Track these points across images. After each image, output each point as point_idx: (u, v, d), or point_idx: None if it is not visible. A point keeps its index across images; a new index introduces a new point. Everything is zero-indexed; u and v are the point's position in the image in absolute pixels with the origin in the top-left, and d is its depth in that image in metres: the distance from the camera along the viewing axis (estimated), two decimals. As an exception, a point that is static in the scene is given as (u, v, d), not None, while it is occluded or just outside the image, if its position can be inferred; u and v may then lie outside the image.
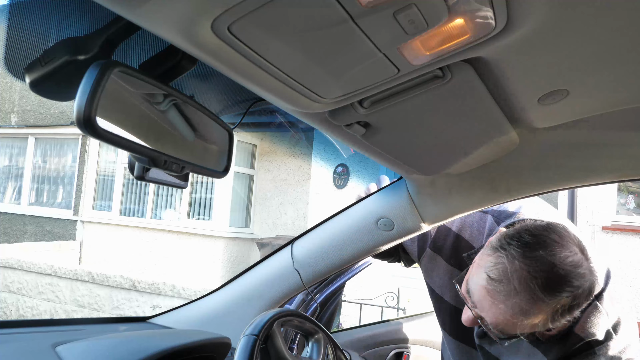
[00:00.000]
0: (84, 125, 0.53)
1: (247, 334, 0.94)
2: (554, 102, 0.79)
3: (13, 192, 8.81)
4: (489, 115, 0.84)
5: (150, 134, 0.66)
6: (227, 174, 0.79)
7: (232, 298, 1.44)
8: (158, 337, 1.20)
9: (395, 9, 0.48)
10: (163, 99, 0.67)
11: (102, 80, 0.53)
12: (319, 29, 0.51)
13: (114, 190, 7.93)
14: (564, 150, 1.04)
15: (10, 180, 8.86)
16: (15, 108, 8.63)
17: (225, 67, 0.57)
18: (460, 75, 0.68)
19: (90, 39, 0.61)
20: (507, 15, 0.53)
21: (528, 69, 0.68)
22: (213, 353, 1.15)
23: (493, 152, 1.04)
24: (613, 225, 4.99)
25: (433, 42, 0.56)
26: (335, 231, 1.36)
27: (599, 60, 0.66)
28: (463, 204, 1.21)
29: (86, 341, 1.07)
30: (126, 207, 7.89)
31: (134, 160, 0.67)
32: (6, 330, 1.14)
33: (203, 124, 0.76)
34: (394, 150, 0.98)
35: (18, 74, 0.64)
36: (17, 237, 8.36)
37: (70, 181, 8.33)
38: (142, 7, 0.46)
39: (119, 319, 1.43)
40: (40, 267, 6.17)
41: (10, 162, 8.92)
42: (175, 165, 0.67)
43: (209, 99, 0.86)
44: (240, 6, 0.46)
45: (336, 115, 0.77)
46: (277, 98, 0.67)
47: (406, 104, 0.74)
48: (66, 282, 6.03)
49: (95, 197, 8.13)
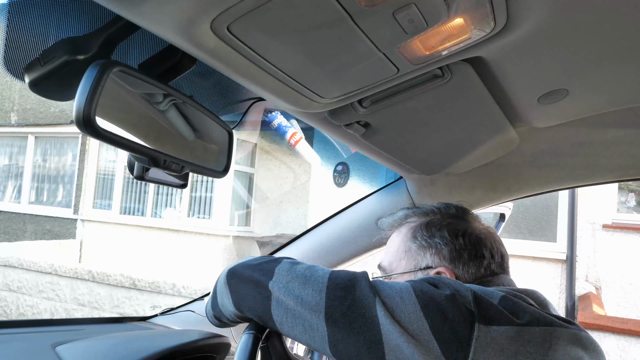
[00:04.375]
0: (84, 124, 0.53)
1: (248, 331, 0.94)
2: (554, 102, 0.79)
3: (13, 191, 8.81)
4: (489, 115, 0.84)
5: (150, 134, 0.66)
6: (227, 174, 0.79)
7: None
8: (158, 337, 1.20)
9: (394, 9, 0.48)
10: (163, 98, 0.67)
11: (101, 80, 0.53)
12: (319, 28, 0.51)
13: (114, 189, 7.93)
14: (564, 149, 1.04)
15: (10, 179, 8.86)
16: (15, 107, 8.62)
17: (224, 66, 0.57)
18: (460, 74, 0.68)
19: (89, 38, 0.61)
20: (507, 14, 0.53)
21: (528, 69, 0.68)
22: (213, 353, 1.15)
23: (493, 152, 1.04)
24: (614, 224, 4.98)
25: (433, 42, 0.56)
26: (335, 230, 1.36)
27: (598, 60, 0.66)
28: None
29: (86, 341, 1.07)
30: (126, 206, 7.89)
31: (133, 160, 0.67)
32: (6, 330, 1.14)
33: (203, 124, 0.76)
34: (393, 150, 0.97)
35: (18, 73, 0.64)
36: (17, 236, 8.36)
37: (71, 180, 8.33)
38: (141, 7, 0.46)
39: (119, 318, 1.43)
40: (40, 265, 6.17)
41: (10, 161, 8.91)
42: (175, 165, 0.67)
43: (208, 98, 0.86)
44: (239, 6, 0.45)
45: (336, 115, 0.77)
46: (276, 98, 0.67)
47: (406, 103, 0.74)
48: (66, 280, 6.03)
49: (95, 196, 8.13)
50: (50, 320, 1.25)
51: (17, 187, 8.76)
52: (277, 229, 7.16)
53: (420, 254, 0.82)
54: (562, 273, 4.99)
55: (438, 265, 0.80)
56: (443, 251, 0.80)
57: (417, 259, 0.83)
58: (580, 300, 4.70)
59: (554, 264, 5.04)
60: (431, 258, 0.81)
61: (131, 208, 7.86)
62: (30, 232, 8.37)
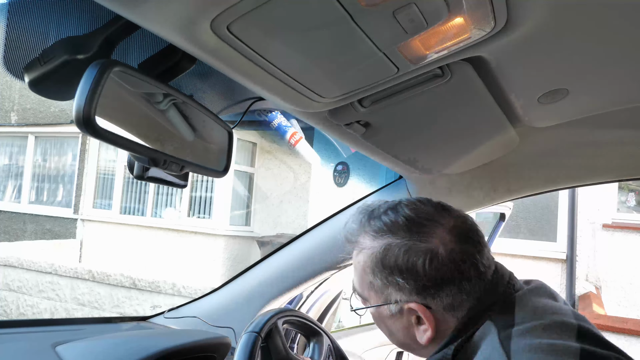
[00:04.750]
0: (84, 124, 0.53)
1: (249, 331, 0.94)
2: (554, 102, 0.79)
3: (13, 191, 8.80)
4: (489, 115, 0.83)
5: (150, 134, 0.66)
6: (227, 174, 0.79)
7: (232, 297, 1.44)
8: (158, 337, 1.20)
9: (395, 8, 0.48)
10: (162, 98, 0.67)
11: (101, 79, 0.53)
12: (319, 28, 0.51)
13: (114, 188, 7.93)
14: (564, 149, 1.04)
15: (10, 179, 8.86)
16: (15, 106, 8.62)
17: (224, 66, 0.57)
18: (460, 74, 0.68)
19: (89, 38, 0.61)
20: (507, 14, 0.53)
21: (528, 68, 0.68)
22: (213, 353, 1.15)
23: (493, 152, 1.04)
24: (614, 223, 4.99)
25: (433, 41, 0.56)
26: (335, 230, 1.36)
27: (599, 60, 0.66)
28: (463, 203, 1.21)
29: (86, 341, 1.07)
30: (126, 206, 7.89)
31: (133, 160, 0.67)
32: (6, 330, 1.14)
33: (203, 124, 0.76)
34: (394, 150, 0.97)
35: (17, 73, 0.64)
36: (18, 235, 8.36)
37: (71, 180, 8.33)
38: (141, 6, 0.46)
39: (119, 318, 1.43)
40: (40, 265, 6.17)
41: (10, 160, 8.91)
42: (175, 165, 0.67)
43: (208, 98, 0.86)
44: (239, 5, 0.45)
45: (336, 114, 0.77)
46: (277, 97, 0.67)
47: (406, 103, 0.74)
48: (66, 280, 6.03)
49: (95, 196, 8.13)
50: (50, 320, 1.25)
51: (17, 186, 8.76)
52: (277, 228, 7.16)
53: (385, 289, 0.77)
54: (562, 273, 4.99)
55: (407, 301, 0.74)
56: (407, 286, 0.74)
57: (385, 293, 0.77)
58: (580, 299, 4.70)
59: (554, 263, 5.05)
60: (397, 295, 0.75)
61: (131, 208, 7.86)
62: (31, 231, 8.36)
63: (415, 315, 0.76)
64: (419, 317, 0.75)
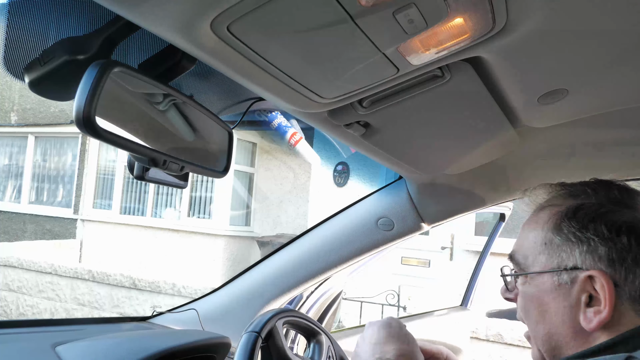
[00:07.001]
0: (84, 125, 0.53)
1: (249, 330, 0.94)
2: (554, 102, 0.79)
3: (13, 191, 8.80)
4: (489, 115, 0.83)
5: (150, 134, 0.66)
6: (227, 174, 0.79)
7: (232, 297, 1.45)
8: (158, 337, 1.20)
9: (394, 9, 0.48)
10: (162, 98, 0.67)
11: (101, 80, 0.53)
12: (319, 28, 0.51)
13: (114, 188, 7.93)
14: (564, 149, 1.04)
15: (10, 179, 8.86)
16: (15, 107, 8.62)
17: (224, 66, 0.57)
18: (460, 74, 0.68)
19: (89, 38, 0.61)
20: (507, 14, 0.53)
21: (527, 69, 0.68)
22: (213, 353, 1.15)
23: (493, 152, 1.04)
24: (613, 224, 5.02)
25: (433, 42, 0.56)
26: (335, 231, 1.36)
27: (598, 60, 0.66)
28: (463, 203, 1.21)
29: (86, 341, 1.07)
30: (126, 206, 7.89)
31: (133, 160, 0.67)
32: (6, 330, 1.14)
33: (203, 124, 0.76)
34: (393, 150, 0.97)
35: (17, 73, 0.64)
36: (17, 235, 8.36)
37: (71, 180, 8.33)
38: (141, 7, 0.46)
39: (119, 318, 1.43)
40: (40, 265, 6.18)
41: (10, 160, 8.91)
42: (175, 165, 0.67)
43: (208, 98, 0.86)
44: (239, 5, 0.45)
45: (336, 115, 0.77)
46: (276, 97, 0.67)
47: (406, 103, 0.74)
48: (66, 280, 6.03)
49: (95, 196, 8.13)
50: (50, 320, 1.25)
51: (17, 187, 8.76)
52: (277, 229, 7.16)
53: (565, 250, 0.65)
54: (562, 273, 4.98)
55: (590, 268, 0.63)
56: (598, 250, 0.62)
57: (561, 256, 0.66)
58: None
59: (554, 263, 5.04)
60: (581, 257, 0.64)
61: (131, 208, 7.86)
62: (30, 232, 8.36)
63: (589, 292, 0.63)
64: (591, 297, 0.63)
